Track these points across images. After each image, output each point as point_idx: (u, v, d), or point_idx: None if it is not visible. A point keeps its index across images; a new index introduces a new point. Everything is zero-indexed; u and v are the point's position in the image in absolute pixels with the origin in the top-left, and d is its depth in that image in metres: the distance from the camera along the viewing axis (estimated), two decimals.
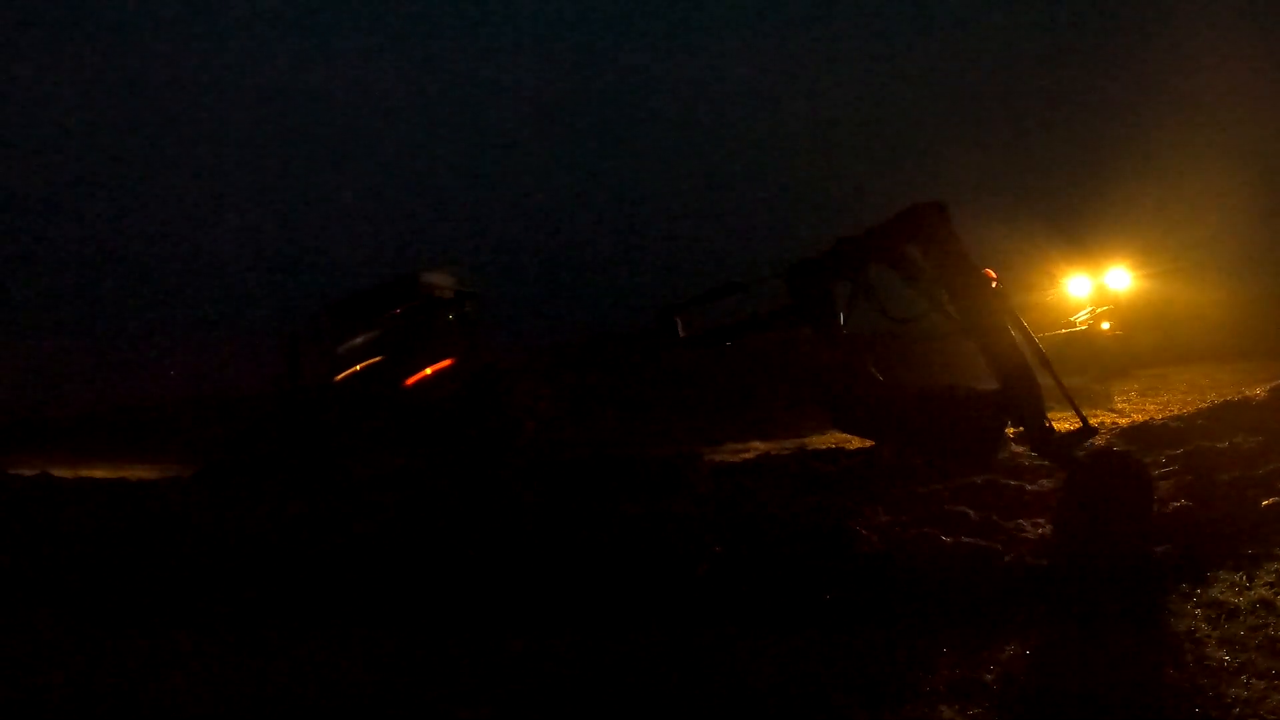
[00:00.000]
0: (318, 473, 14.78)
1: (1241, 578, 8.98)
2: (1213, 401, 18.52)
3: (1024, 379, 11.84)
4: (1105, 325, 32.26)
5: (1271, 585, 8.73)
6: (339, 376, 16.43)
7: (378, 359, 16.26)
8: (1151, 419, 18.24)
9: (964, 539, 10.59)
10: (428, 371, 15.69)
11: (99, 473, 19.63)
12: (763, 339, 13.14)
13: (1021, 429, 11.94)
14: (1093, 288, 34.29)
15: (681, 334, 13.02)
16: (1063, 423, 12.00)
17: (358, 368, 16.33)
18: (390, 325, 16.39)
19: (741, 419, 25.91)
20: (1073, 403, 12.25)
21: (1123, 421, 19.28)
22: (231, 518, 13.84)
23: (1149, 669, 7.27)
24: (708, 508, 13.15)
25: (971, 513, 11.75)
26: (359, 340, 16.44)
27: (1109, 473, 11.06)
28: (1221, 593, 8.67)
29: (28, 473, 19.19)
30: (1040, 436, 11.64)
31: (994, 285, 12.27)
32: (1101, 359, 29.63)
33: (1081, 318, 33.04)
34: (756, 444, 23.61)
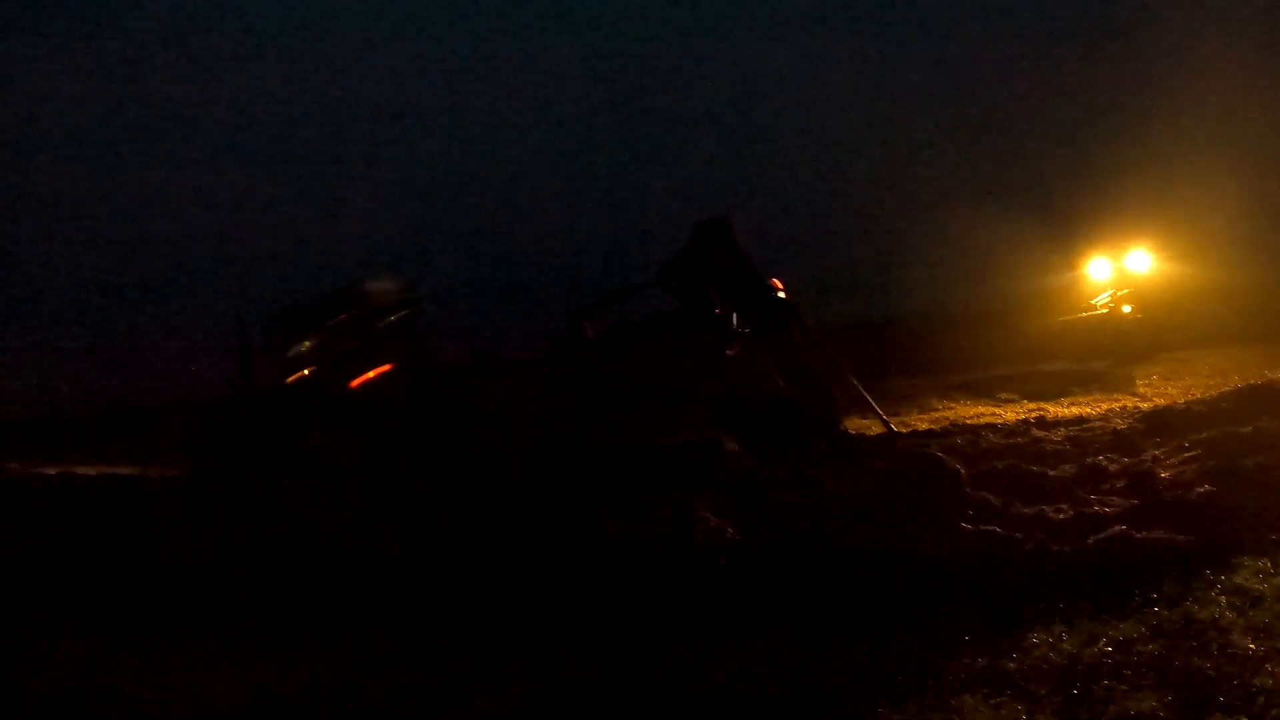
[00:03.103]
0: (287, 472, 15.42)
1: (1266, 564, 8.90)
2: (1236, 385, 18.36)
3: (813, 385, 12.11)
4: (1126, 309, 32.05)
5: None
6: (289, 380, 17.15)
7: (325, 363, 16.98)
8: (1174, 403, 18.09)
9: (983, 526, 10.54)
10: (370, 375, 16.34)
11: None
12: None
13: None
14: (1113, 271, 34.09)
15: (590, 336, 13.44)
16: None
17: (306, 372, 17.04)
18: (337, 331, 17.07)
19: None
20: (874, 406, 12.56)
21: (1145, 406, 19.15)
22: (219, 519, 14.20)
23: (1173, 657, 7.20)
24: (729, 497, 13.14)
25: (993, 499, 11.69)
26: (308, 345, 17.16)
27: (916, 473, 11.19)
28: (1246, 580, 8.59)
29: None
30: (833, 439, 11.86)
31: (780, 294, 12.58)
32: (1123, 343, 29.44)
33: (1102, 301, 32.86)
34: None
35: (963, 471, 11.73)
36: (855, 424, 14.40)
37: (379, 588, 10.98)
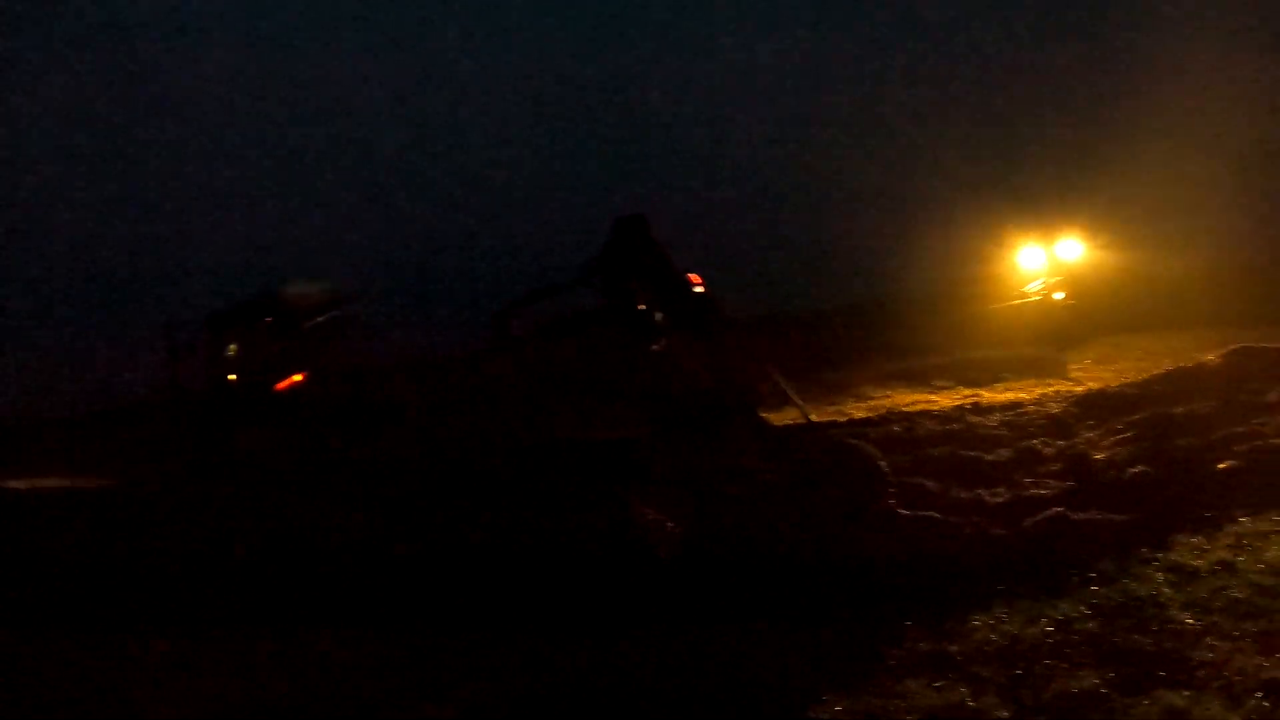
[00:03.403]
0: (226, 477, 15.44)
1: (1201, 541, 9.01)
2: (1168, 368, 18.63)
3: (731, 377, 12.29)
4: (1059, 295, 32.34)
5: (1231, 547, 8.75)
6: (216, 384, 17.19)
7: (251, 367, 17.00)
8: (1107, 386, 18.31)
9: (922, 512, 10.57)
10: (297, 378, 16.36)
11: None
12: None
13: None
14: (1045, 258, 34.40)
15: (515, 334, 13.52)
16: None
17: (232, 376, 17.05)
18: (262, 334, 17.07)
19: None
20: (793, 397, 12.71)
21: (1078, 390, 19.34)
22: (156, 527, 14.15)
23: (1113, 634, 7.25)
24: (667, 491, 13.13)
25: (931, 484, 11.75)
26: (231, 349, 17.18)
27: (834, 464, 11.27)
28: (1182, 556, 8.69)
29: None
30: (754, 430, 11.99)
31: (698, 289, 12.74)
32: (1056, 329, 29.73)
33: (1035, 288, 33.16)
34: None
35: (881, 459, 11.78)
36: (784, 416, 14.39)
37: (305, 591, 10.87)
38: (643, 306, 13.00)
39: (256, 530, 13.02)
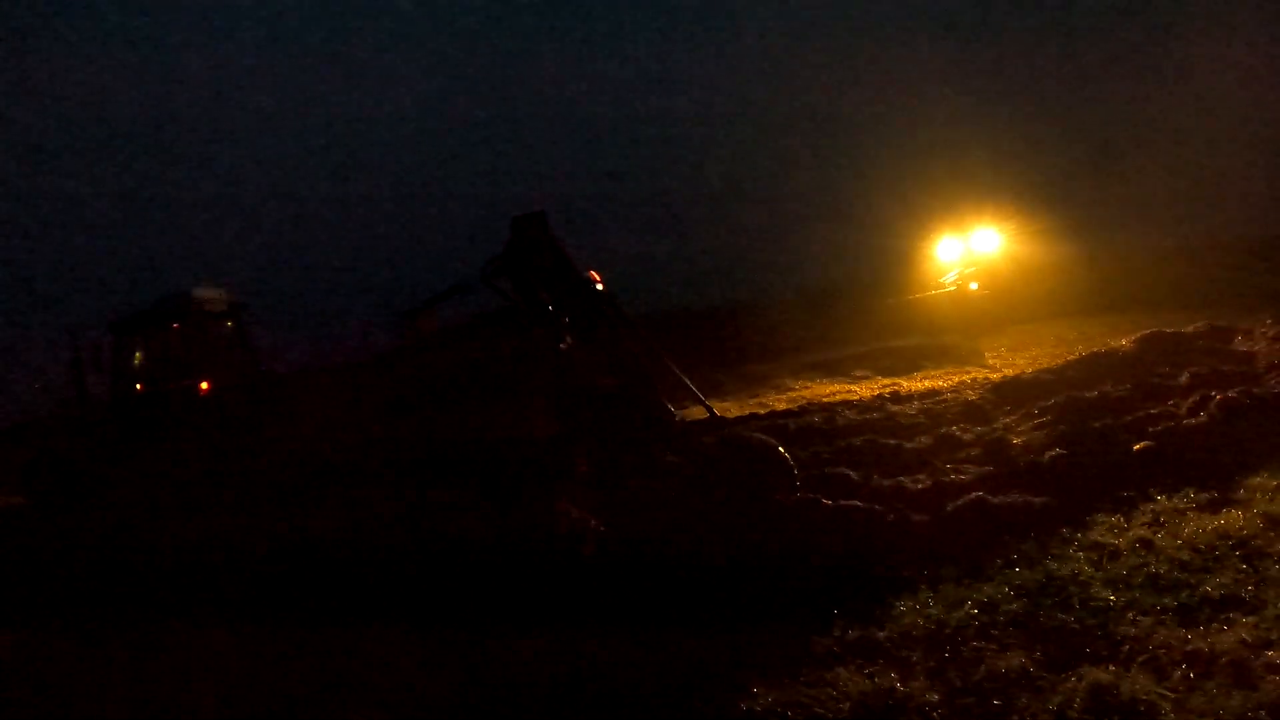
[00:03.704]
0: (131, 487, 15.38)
1: (1120, 519, 9.14)
2: (1081, 353, 18.94)
3: (636, 373, 12.39)
4: (974, 285, 32.77)
5: (1149, 525, 8.89)
6: (124, 393, 17.25)
7: (159, 373, 17.10)
8: (1023, 372, 18.55)
9: (844, 501, 10.58)
10: (205, 384, 16.33)
11: None
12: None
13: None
14: (961, 249, 34.84)
15: (422, 336, 13.52)
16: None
17: (139, 386, 17.23)
18: (168, 340, 17.20)
19: None
20: (696, 393, 12.91)
21: (994, 377, 19.58)
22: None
23: (1038, 614, 7.30)
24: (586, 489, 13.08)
25: (852, 474, 11.78)
26: (138, 356, 17.15)
27: (741, 457, 11.52)
28: (1102, 535, 8.80)
29: None
30: (662, 425, 12.13)
31: (598, 287, 12.86)
32: (971, 317, 30.10)
33: (951, 278, 33.55)
34: None
35: (784, 453, 11.84)
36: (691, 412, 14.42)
37: (227, 592, 10.75)
38: (547, 305, 13.01)
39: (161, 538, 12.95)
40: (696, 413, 14.03)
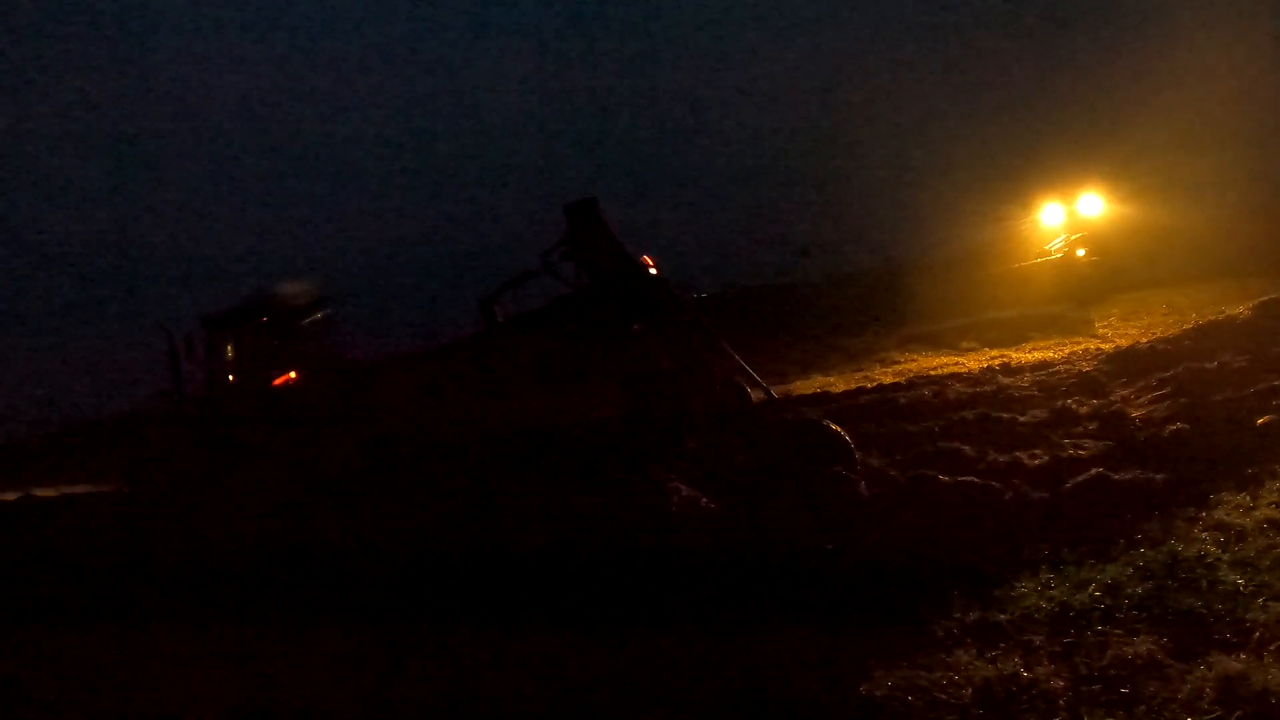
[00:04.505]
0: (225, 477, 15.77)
1: (1245, 498, 8.89)
2: (1196, 322, 18.46)
3: (691, 356, 12.32)
4: (1080, 252, 32.13)
5: (1276, 505, 8.61)
6: (215, 385, 17.99)
7: (249, 366, 17.79)
8: (1137, 343, 18.14)
9: (960, 478, 10.43)
10: (292, 375, 16.76)
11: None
12: None
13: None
14: (1066, 215, 34.17)
15: (500, 320, 13.63)
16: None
17: (230, 378, 17.89)
18: (256, 334, 17.84)
19: None
20: (753, 375, 12.74)
21: (1106, 347, 19.21)
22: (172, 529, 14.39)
23: (1164, 597, 7.13)
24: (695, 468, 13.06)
25: (966, 449, 11.63)
26: (228, 350, 17.95)
27: (802, 441, 11.38)
28: (1227, 515, 8.56)
29: None
30: (716, 407, 12.09)
31: (651, 271, 12.80)
32: (1079, 286, 29.52)
33: (1056, 246, 32.94)
34: None
35: (846, 436, 11.75)
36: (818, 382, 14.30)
37: (329, 587, 10.88)
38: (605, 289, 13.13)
39: (264, 527, 13.20)
40: (803, 387, 13.98)
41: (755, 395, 13.30)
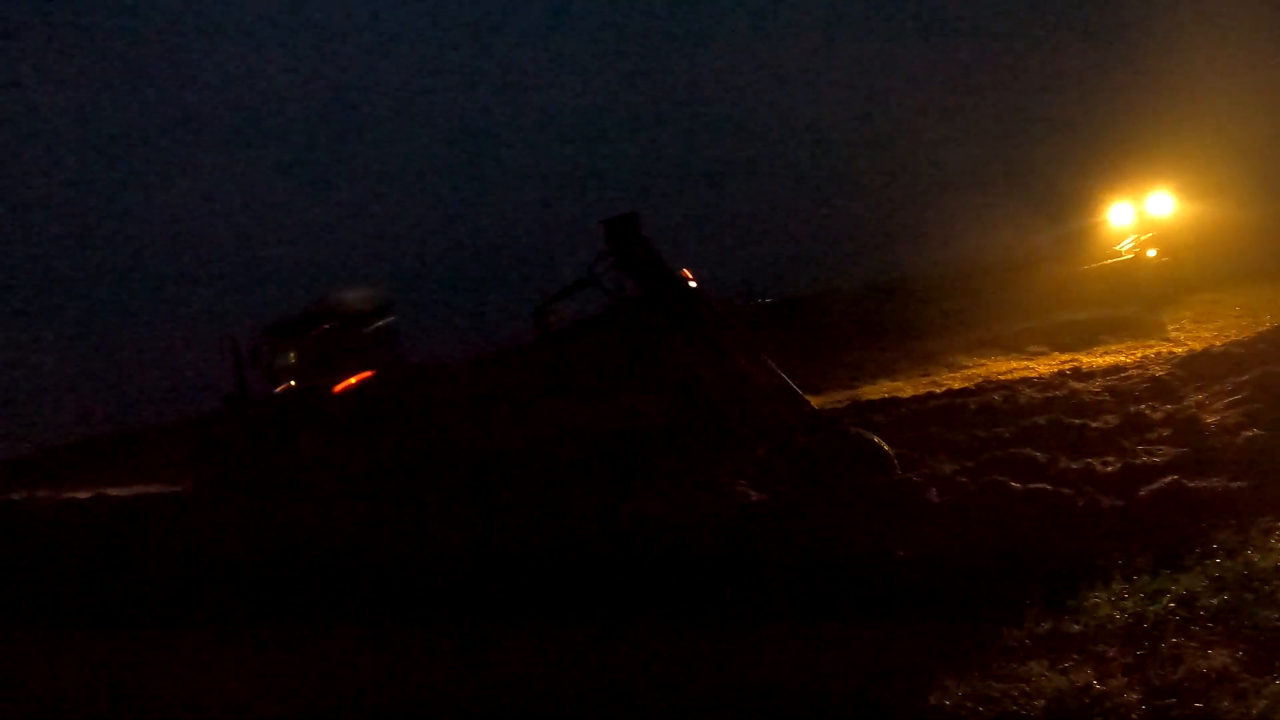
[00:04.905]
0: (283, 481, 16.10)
1: None
2: (1272, 324, 18.16)
3: (731, 368, 12.37)
4: (1151, 253, 31.67)
5: None
6: (278, 390, 18.47)
7: (311, 372, 18.20)
8: (1211, 346, 17.87)
9: (1031, 485, 10.34)
10: (352, 381, 17.12)
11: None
12: None
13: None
14: (1135, 215, 33.69)
15: (554, 329, 14.19)
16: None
17: (292, 382, 18.38)
18: (318, 341, 18.28)
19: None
20: (794, 388, 12.69)
21: (1179, 351, 18.91)
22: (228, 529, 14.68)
23: (1241, 609, 7.01)
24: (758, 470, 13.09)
25: (1038, 455, 11.51)
26: (292, 356, 18.40)
27: (838, 451, 11.57)
28: None
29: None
30: (754, 419, 12.10)
31: (691, 285, 12.88)
32: (1150, 287, 29.08)
33: (1126, 246, 32.50)
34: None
35: (889, 450, 11.76)
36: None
37: (394, 588, 11.03)
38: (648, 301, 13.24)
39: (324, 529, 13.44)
40: (870, 392, 13.93)
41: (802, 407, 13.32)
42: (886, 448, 11.74)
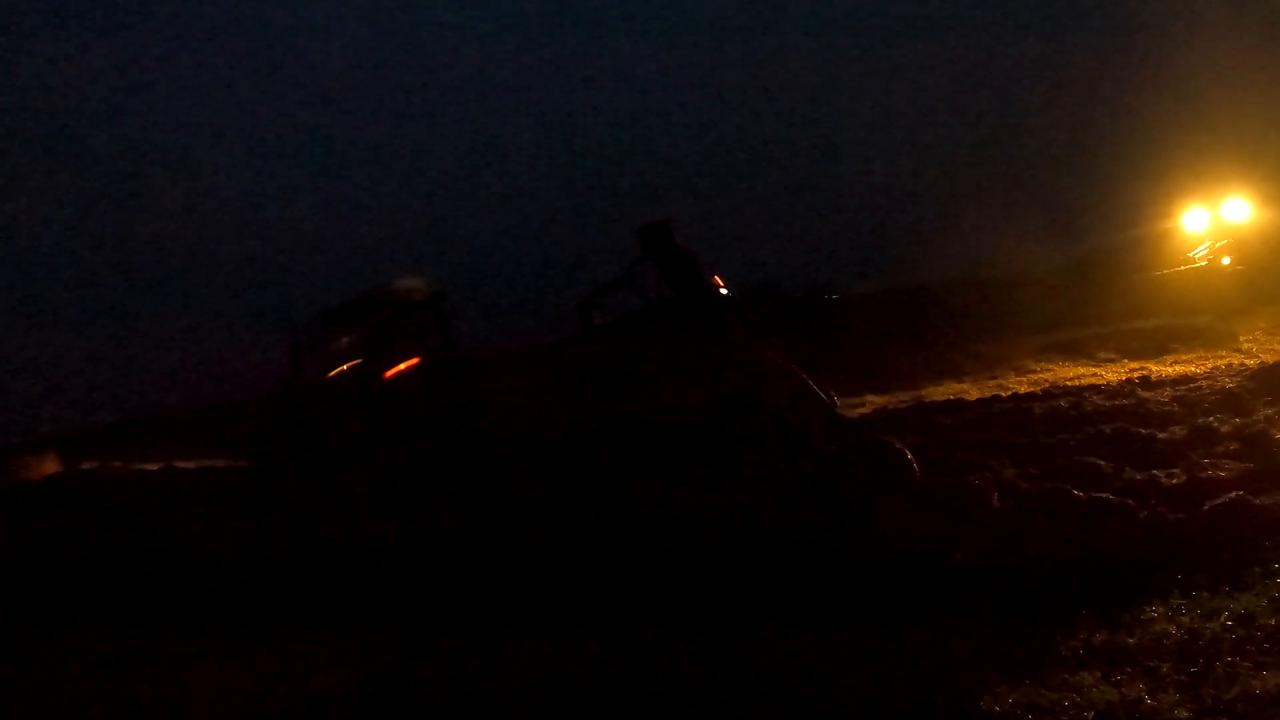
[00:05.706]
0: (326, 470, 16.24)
1: None
2: None
3: (760, 373, 12.35)
4: (1226, 260, 31.25)
5: None
6: (331, 374, 18.44)
7: (362, 358, 18.16)
8: None
9: (1094, 494, 10.30)
10: (403, 367, 17.34)
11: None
12: None
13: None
14: (1210, 221, 33.22)
15: (598, 324, 14.27)
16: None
17: (345, 366, 18.32)
18: (371, 328, 18.32)
19: (847, 371, 25.74)
20: (818, 390, 12.66)
21: (1251, 363, 18.69)
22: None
23: None
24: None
25: (1103, 464, 11.47)
26: (345, 342, 18.49)
27: (865, 458, 11.57)
28: None
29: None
30: (780, 422, 12.05)
31: (721, 290, 12.91)
32: (1223, 296, 28.70)
33: (1200, 253, 32.09)
34: (871, 398, 23.40)
35: (911, 457, 11.75)
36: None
37: (440, 579, 11.18)
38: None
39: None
40: (935, 393, 13.88)
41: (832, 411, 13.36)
42: (909, 455, 11.75)
